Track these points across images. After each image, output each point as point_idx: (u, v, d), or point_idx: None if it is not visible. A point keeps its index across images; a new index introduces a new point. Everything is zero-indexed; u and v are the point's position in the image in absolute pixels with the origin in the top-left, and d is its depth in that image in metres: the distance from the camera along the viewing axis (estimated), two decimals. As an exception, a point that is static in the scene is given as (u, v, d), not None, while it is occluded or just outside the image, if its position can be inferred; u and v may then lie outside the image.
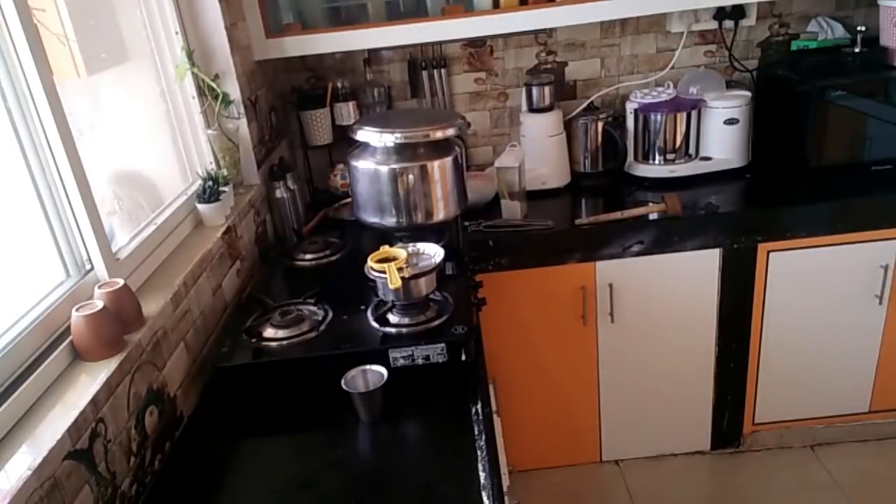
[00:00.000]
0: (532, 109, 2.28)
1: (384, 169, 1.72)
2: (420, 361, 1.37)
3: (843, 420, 2.30)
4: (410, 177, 1.72)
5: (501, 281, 2.04)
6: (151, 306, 1.30)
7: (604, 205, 2.19)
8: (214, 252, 1.61)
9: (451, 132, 1.72)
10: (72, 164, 1.19)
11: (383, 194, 1.74)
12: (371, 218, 1.80)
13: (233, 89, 1.87)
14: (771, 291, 2.10)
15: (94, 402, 1.04)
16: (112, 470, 1.07)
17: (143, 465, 1.18)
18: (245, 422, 1.35)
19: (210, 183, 1.69)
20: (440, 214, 1.78)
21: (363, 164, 1.75)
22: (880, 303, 2.10)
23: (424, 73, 2.36)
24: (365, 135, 1.73)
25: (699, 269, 2.07)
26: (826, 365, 2.20)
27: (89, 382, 1.07)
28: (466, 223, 2.04)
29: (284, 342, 1.44)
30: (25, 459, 0.91)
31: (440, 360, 1.37)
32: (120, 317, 1.18)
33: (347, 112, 2.25)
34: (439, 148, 1.75)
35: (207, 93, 1.80)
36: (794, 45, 2.28)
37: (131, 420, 1.15)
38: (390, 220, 1.77)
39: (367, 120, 1.85)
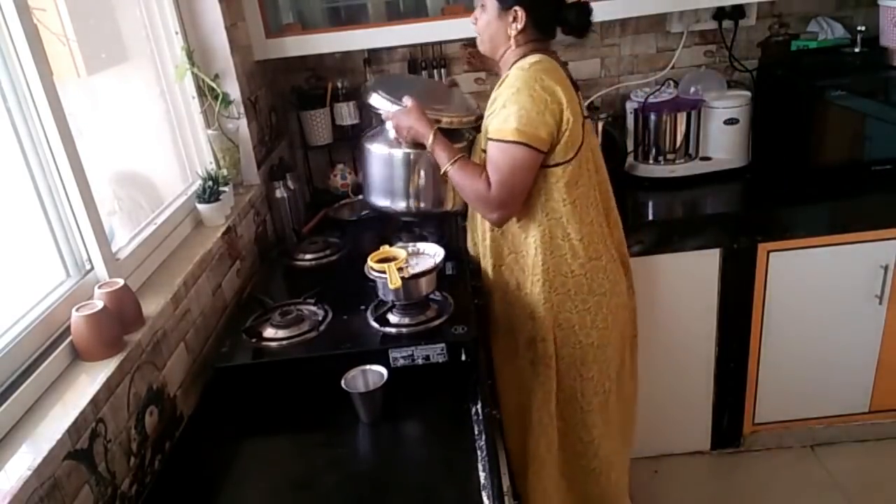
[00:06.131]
0: (532, 109, 2.27)
1: (398, 153, 1.70)
2: (420, 361, 1.37)
3: (843, 420, 2.29)
4: (424, 162, 1.69)
5: (501, 281, 2.03)
6: (151, 306, 1.29)
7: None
8: (214, 252, 1.61)
9: (470, 120, 1.69)
10: (72, 164, 1.19)
11: (395, 178, 1.72)
12: (381, 201, 1.78)
13: (233, 89, 1.87)
14: (771, 291, 2.10)
15: (94, 403, 1.04)
16: (112, 470, 1.07)
17: (143, 465, 1.18)
18: (245, 422, 1.34)
19: (210, 183, 1.69)
20: (450, 203, 1.76)
21: (377, 148, 1.73)
22: (880, 303, 2.10)
23: (424, 73, 2.36)
24: (378, 100, 1.69)
25: (699, 269, 2.07)
26: (826, 365, 2.20)
27: (89, 382, 1.07)
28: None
29: (284, 342, 1.44)
30: (25, 459, 0.91)
31: (440, 361, 1.37)
32: (120, 317, 1.18)
33: (347, 112, 2.25)
34: (454, 135, 1.69)
35: (207, 93, 1.80)
36: (794, 45, 2.28)
37: (131, 420, 1.15)
38: (400, 205, 1.74)
39: (382, 84, 1.78)
